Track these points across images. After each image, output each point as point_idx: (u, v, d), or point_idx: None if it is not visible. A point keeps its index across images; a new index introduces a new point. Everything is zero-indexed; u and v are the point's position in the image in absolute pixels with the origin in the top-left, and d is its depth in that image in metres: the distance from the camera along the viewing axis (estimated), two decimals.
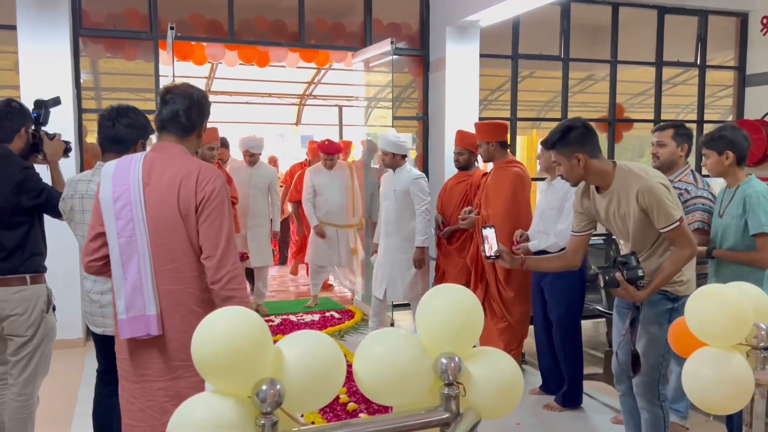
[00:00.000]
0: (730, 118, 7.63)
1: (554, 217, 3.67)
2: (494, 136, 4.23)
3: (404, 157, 4.84)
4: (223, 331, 1.37)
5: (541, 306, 3.87)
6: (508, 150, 4.35)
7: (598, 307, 4.07)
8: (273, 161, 8.46)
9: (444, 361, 1.50)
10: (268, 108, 10.85)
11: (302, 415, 2.21)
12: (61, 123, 2.63)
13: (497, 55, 6.31)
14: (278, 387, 1.36)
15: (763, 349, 1.77)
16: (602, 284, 2.58)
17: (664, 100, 7.30)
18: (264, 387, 1.35)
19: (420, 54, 6.17)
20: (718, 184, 9.21)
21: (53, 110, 3.04)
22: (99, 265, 2.18)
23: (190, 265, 2.07)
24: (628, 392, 2.85)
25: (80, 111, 5.26)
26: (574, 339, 3.76)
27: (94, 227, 2.16)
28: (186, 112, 2.14)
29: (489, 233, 2.83)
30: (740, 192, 2.97)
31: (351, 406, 3.73)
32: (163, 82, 5.41)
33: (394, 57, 5.60)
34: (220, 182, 2.08)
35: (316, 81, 9.79)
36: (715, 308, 1.77)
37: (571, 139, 2.62)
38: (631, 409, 2.88)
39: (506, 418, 3.53)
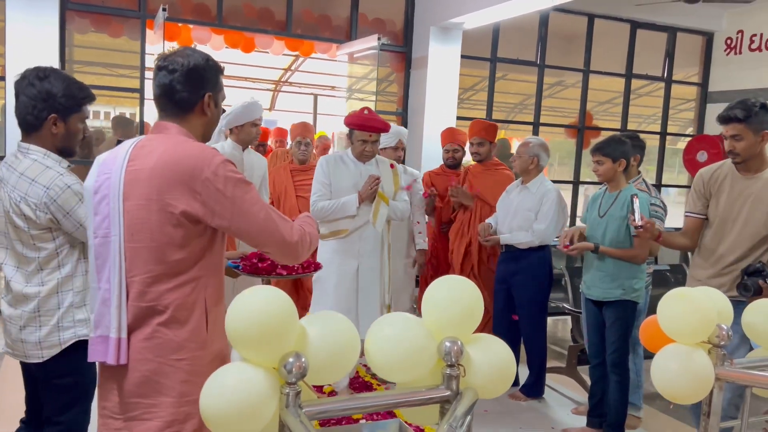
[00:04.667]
0: (689, 131, 8.01)
1: (532, 218, 3.86)
2: (495, 137, 4.43)
3: None
4: (257, 306, 1.50)
5: (504, 303, 4.05)
6: None
7: (565, 306, 4.30)
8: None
9: (448, 344, 1.65)
10: (242, 92, 10.84)
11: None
12: None
13: (477, 57, 6.50)
14: (303, 360, 1.49)
15: (723, 348, 1.99)
16: (752, 292, 2.69)
17: (629, 109, 7.63)
18: (291, 359, 1.48)
19: (403, 51, 6.31)
20: (671, 193, 9.50)
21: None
22: None
23: (167, 276, 1.66)
24: None
25: None
26: (541, 333, 3.98)
27: None
28: (172, 85, 1.72)
29: (638, 204, 3.00)
30: (623, 196, 3.26)
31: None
32: (150, 61, 5.43)
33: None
34: (219, 159, 1.67)
35: (293, 68, 9.83)
36: (685, 309, 1.97)
37: (763, 116, 2.78)
38: None
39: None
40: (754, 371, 2.03)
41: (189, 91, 1.73)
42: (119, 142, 2.33)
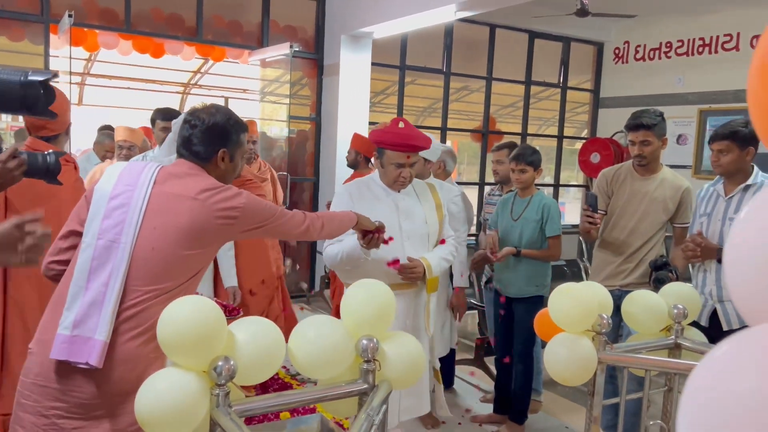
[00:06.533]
0: (584, 134, 8.58)
1: (463, 219, 4.04)
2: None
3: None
4: (186, 315, 1.61)
5: None
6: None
7: (472, 301, 4.58)
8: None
9: (365, 342, 1.82)
10: (150, 95, 10.59)
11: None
12: None
13: (387, 64, 6.73)
14: (232, 363, 1.62)
15: (604, 334, 2.27)
16: (666, 282, 2.86)
17: (529, 113, 8.10)
18: (220, 363, 1.61)
19: (314, 58, 6.44)
20: (570, 191, 9.97)
21: None
22: (60, 270, 1.86)
23: (167, 290, 1.81)
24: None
25: None
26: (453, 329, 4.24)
27: (70, 225, 1.89)
28: (190, 138, 1.92)
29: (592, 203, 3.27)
30: (536, 201, 3.54)
31: None
32: (54, 65, 5.31)
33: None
34: (246, 193, 1.93)
35: (203, 71, 9.73)
36: (571, 302, 2.23)
37: (663, 124, 3.19)
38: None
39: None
40: (629, 354, 2.33)
41: (205, 146, 1.92)
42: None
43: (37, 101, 1.74)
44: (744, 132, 2.84)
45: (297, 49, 5.62)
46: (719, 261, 2.87)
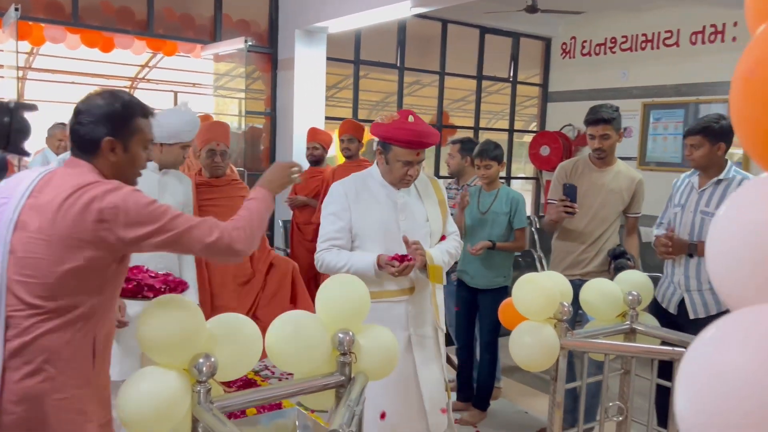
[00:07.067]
0: (533, 126, 8.79)
1: None
2: (362, 136, 4.71)
3: None
4: (168, 315, 1.64)
5: None
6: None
7: None
8: None
9: (341, 335, 1.87)
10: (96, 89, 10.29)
11: None
12: None
13: (341, 59, 6.75)
14: (212, 359, 1.65)
15: (565, 322, 2.38)
16: (625, 269, 2.99)
17: (481, 107, 8.24)
18: (201, 360, 1.64)
19: (269, 52, 6.41)
20: (519, 183, 10.11)
21: None
22: None
23: (54, 313, 1.57)
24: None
25: None
26: None
27: None
28: (73, 127, 1.69)
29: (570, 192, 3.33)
30: (503, 194, 3.67)
31: None
32: (0, 59, 5.14)
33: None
34: (128, 189, 1.62)
35: (151, 65, 9.52)
36: (534, 292, 2.34)
37: (620, 118, 3.38)
38: None
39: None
40: (589, 339, 2.44)
41: (87, 134, 1.67)
42: None
43: (26, 136, 1.64)
44: (715, 128, 2.94)
45: (251, 44, 5.57)
46: (690, 255, 3.01)
